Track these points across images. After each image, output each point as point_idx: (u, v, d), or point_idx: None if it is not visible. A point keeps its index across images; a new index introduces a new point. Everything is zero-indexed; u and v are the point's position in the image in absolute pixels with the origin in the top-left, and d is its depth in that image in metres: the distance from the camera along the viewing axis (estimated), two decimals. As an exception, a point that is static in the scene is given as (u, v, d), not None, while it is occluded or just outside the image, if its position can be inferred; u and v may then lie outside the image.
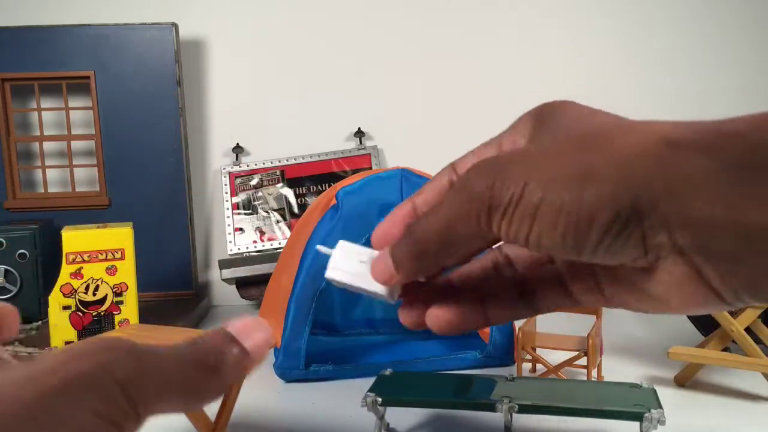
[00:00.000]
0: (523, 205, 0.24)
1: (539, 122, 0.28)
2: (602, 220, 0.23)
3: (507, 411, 0.53)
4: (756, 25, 1.13)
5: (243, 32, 1.13)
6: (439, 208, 0.27)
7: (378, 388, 0.58)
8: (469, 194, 0.25)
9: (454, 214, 0.26)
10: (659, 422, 0.50)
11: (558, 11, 1.13)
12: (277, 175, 1.10)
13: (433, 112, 1.14)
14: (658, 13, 1.13)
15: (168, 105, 1.05)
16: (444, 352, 0.77)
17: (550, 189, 0.23)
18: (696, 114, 0.97)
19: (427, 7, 1.13)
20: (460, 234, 0.26)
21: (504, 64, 1.14)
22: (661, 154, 0.23)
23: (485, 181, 0.25)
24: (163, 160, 1.06)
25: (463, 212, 0.25)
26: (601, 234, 0.23)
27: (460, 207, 0.26)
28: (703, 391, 0.67)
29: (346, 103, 1.13)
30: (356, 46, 1.13)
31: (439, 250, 0.27)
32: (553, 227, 0.23)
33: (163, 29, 1.04)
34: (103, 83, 1.03)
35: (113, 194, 1.05)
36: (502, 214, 0.24)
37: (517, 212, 0.24)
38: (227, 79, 1.13)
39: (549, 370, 0.68)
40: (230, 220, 1.09)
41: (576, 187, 0.23)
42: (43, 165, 1.06)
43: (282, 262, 0.80)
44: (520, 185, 0.24)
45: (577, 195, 0.23)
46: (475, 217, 0.25)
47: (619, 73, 1.14)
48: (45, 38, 1.02)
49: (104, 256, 0.76)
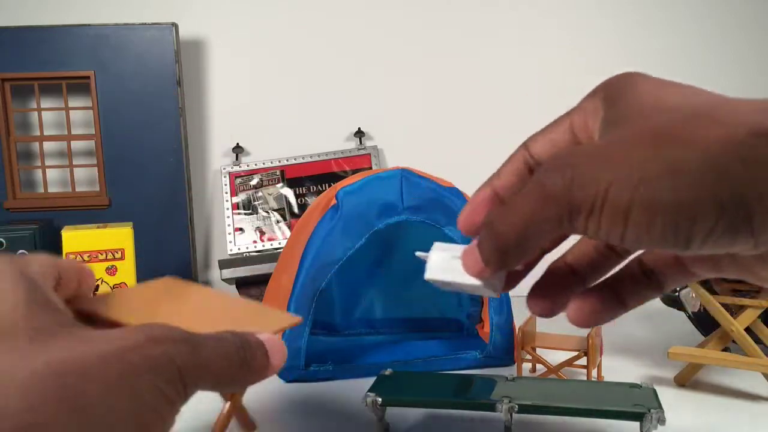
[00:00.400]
0: (611, 207, 0.23)
1: (610, 101, 0.27)
2: (706, 221, 0.22)
3: (507, 411, 0.53)
4: (756, 25, 1.13)
5: (243, 32, 1.13)
6: (515, 204, 0.25)
7: (378, 388, 0.58)
8: (545, 194, 0.24)
9: (531, 214, 0.25)
10: (659, 422, 0.50)
11: (558, 11, 1.13)
12: (277, 175, 1.10)
13: (433, 112, 1.14)
14: (657, 13, 1.13)
15: (168, 105, 1.05)
16: (444, 352, 0.77)
17: (639, 190, 0.22)
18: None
19: (427, 7, 1.13)
20: (540, 232, 0.25)
21: (504, 64, 1.14)
22: (753, 149, 0.22)
23: (562, 181, 0.24)
24: (163, 160, 1.06)
25: (541, 212, 0.24)
26: (705, 233, 0.22)
27: (537, 207, 0.24)
28: (703, 391, 0.67)
29: (346, 103, 1.13)
30: (356, 46, 1.13)
31: (519, 246, 0.26)
32: (650, 227, 0.22)
33: (163, 29, 1.04)
34: (103, 83, 1.03)
35: (113, 194, 1.05)
36: (587, 215, 0.23)
37: (604, 214, 0.23)
38: (227, 79, 1.13)
39: (549, 370, 0.68)
40: (230, 220, 1.09)
41: (669, 188, 0.22)
42: (43, 165, 1.06)
43: (282, 262, 0.80)
44: (603, 186, 0.23)
45: (673, 196, 0.22)
46: (555, 218, 0.24)
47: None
48: (45, 38, 1.02)
49: (104, 256, 0.76)
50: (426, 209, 0.72)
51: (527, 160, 0.30)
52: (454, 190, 0.75)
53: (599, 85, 0.29)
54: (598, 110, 0.27)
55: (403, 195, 0.71)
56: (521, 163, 0.31)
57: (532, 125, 1.11)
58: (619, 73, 0.28)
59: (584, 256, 0.30)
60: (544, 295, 0.29)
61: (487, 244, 0.27)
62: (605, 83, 0.28)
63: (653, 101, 0.25)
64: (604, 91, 0.28)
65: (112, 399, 0.21)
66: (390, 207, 0.71)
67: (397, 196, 0.71)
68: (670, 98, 0.26)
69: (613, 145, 0.24)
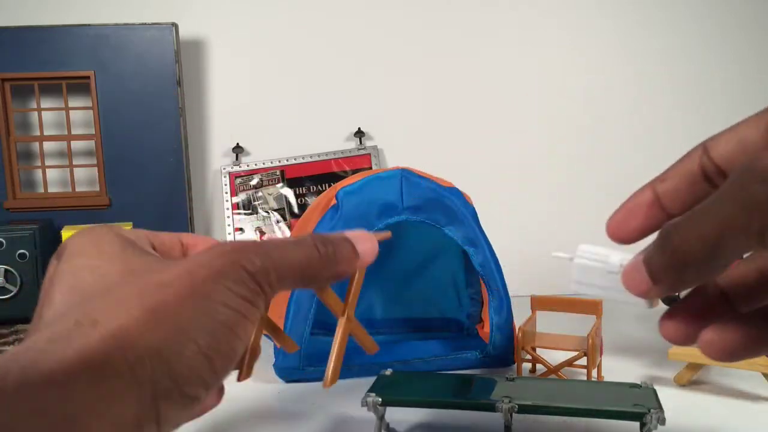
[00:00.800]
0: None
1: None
2: None
3: (507, 411, 0.53)
4: (756, 25, 1.13)
5: (243, 32, 1.13)
6: (706, 214, 0.22)
7: (378, 388, 0.58)
8: (750, 202, 0.21)
9: (728, 225, 0.22)
10: (659, 422, 0.50)
11: (558, 11, 1.13)
12: (277, 175, 1.10)
13: (433, 112, 1.14)
14: (658, 13, 1.13)
15: (168, 105, 1.05)
16: (444, 352, 0.77)
17: None
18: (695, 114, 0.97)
19: (427, 7, 1.13)
20: (734, 248, 0.22)
21: (504, 64, 1.14)
22: None
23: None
24: (163, 160, 1.06)
25: (741, 224, 0.21)
26: None
27: (736, 217, 0.21)
28: (703, 391, 0.67)
29: (346, 103, 1.13)
30: (356, 46, 1.13)
31: (704, 264, 0.23)
32: None
33: (163, 29, 1.04)
34: (103, 83, 1.03)
35: (113, 194, 1.05)
36: None
37: None
38: (227, 79, 1.13)
39: (549, 370, 0.68)
40: (230, 220, 1.09)
41: None
42: (43, 165, 1.06)
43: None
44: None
45: None
46: (756, 232, 0.21)
47: (619, 73, 1.14)
48: (45, 38, 1.02)
49: (104, 256, 0.76)
50: (426, 209, 0.72)
51: (704, 164, 0.26)
52: (454, 190, 0.75)
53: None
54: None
55: (403, 195, 0.71)
56: (695, 167, 0.26)
57: (532, 125, 1.12)
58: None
59: (744, 279, 0.27)
60: (685, 320, 0.26)
61: (661, 259, 0.24)
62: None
63: None
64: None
65: (185, 305, 0.25)
66: (390, 207, 0.71)
67: (397, 196, 0.71)
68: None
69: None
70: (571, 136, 1.14)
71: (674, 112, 1.14)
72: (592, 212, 1.13)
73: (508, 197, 1.14)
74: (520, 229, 1.13)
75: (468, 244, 0.73)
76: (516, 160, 1.14)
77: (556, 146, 1.14)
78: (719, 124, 1.00)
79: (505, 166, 1.14)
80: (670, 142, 1.13)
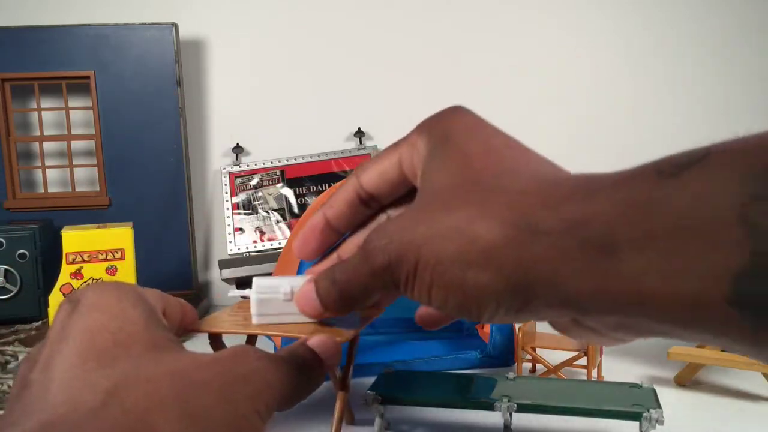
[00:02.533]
0: (418, 284, 0.26)
1: (433, 144, 0.29)
2: (487, 305, 0.25)
3: (506, 410, 0.53)
4: (757, 25, 1.13)
5: (243, 32, 1.13)
6: (350, 266, 0.29)
7: (378, 387, 0.58)
8: (372, 269, 0.28)
9: (364, 280, 0.29)
10: (658, 422, 0.50)
11: (558, 11, 1.13)
12: (277, 175, 1.10)
13: (434, 112, 1.14)
14: (658, 13, 1.13)
15: (168, 105, 1.05)
16: (444, 352, 0.77)
17: (436, 272, 0.25)
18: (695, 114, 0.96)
19: (427, 7, 1.13)
20: (379, 290, 0.29)
21: (504, 64, 1.14)
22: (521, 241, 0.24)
23: (383, 257, 0.27)
24: (163, 160, 1.06)
25: (372, 281, 0.28)
26: (490, 312, 0.25)
27: (367, 276, 0.28)
28: (703, 391, 0.67)
29: (346, 103, 1.14)
30: (356, 46, 1.13)
31: (359, 299, 0.30)
32: (446, 302, 0.26)
33: (163, 29, 1.04)
34: (103, 83, 1.03)
35: (113, 194, 1.05)
36: (404, 288, 0.27)
37: (415, 288, 0.26)
38: (227, 79, 1.13)
39: (549, 370, 0.68)
40: (230, 220, 1.09)
41: (458, 273, 0.25)
42: (43, 165, 1.06)
43: (282, 262, 0.80)
44: (412, 264, 0.26)
45: (459, 281, 0.25)
46: (381, 286, 0.28)
47: (620, 73, 1.14)
48: (45, 38, 1.02)
49: (104, 256, 0.76)
50: (426, 209, 0.72)
51: (359, 192, 0.33)
52: (454, 190, 0.74)
53: (427, 120, 0.31)
54: (422, 149, 0.30)
55: (403, 195, 0.71)
56: (353, 193, 0.33)
57: (532, 125, 1.12)
58: (447, 110, 0.31)
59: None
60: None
61: (330, 292, 0.31)
62: (433, 121, 0.31)
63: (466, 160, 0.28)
64: (430, 130, 0.30)
65: (214, 406, 0.24)
66: (390, 207, 0.71)
67: (397, 196, 0.71)
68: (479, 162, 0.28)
69: (421, 219, 0.27)
70: (571, 136, 1.14)
71: (674, 112, 1.14)
72: (592, 212, 1.13)
73: (508, 197, 1.13)
74: (520, 229, 1.13)
75: (468, 244, 0.73)
76: (516, 160, 1.14)
77: (557, 145, 1.14)
78: (719, 122, 1.01)
79: (505, 166, 1.14)
80: (670, 142, 1.13)
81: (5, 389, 0.62)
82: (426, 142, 0.30)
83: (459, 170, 0.27)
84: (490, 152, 0.28)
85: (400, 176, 0.32)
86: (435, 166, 0.29)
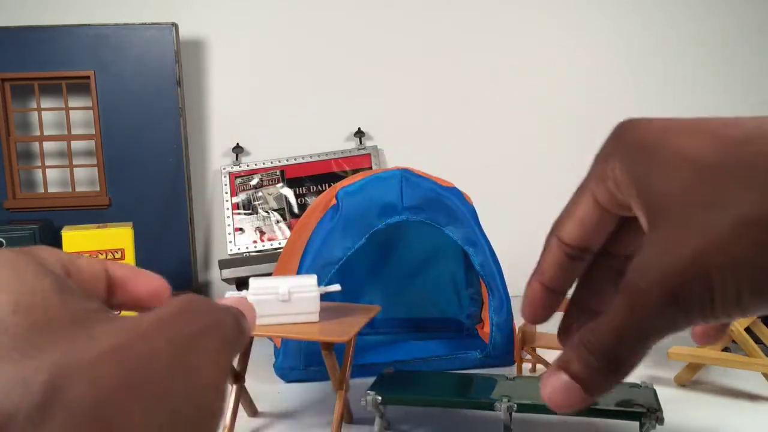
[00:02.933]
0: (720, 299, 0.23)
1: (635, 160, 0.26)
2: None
3: (506, 410, 0.53)
4: (757, 26, 1.13)
5: (243, 32, 1.13)
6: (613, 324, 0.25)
7: (378, 387, 0.58)
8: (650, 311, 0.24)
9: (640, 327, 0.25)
10: (658, 422, 0.50)
11: (558, 11, 1.13)
12: (277, 175, 1.10)
13: (433, 112, 1.14)
14: (658, 14, 1.13)
15: (168, 105, 1.05)
16: (444, 352, 0.77)
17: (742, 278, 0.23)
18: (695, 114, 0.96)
19: (428, 7, 1.13)
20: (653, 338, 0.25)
21: (504, 64, 1.14)
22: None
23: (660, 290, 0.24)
24: (163, 160, 1.06)
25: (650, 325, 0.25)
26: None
27: (643, 321, 0.25)
28: (703, 391, 0.67)
29: (346, 103, 1.13)
30: (356, 46, 1.13)
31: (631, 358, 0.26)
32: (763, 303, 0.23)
33: (163, 29, 1.04)
34: (103, 83, 1.03)
35: (113, 194, 1.05)
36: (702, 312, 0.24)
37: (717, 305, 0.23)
38: (227, 79, 1.13)
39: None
40: (230, 220, 1.09)
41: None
42: (43, 165, 1.06)
43: (282, 262, 0.80)
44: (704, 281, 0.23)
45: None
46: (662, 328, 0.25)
47: (620, 73, 1.14)
48: (45, 38, 1.02)
49: (104, 256, 0.76)
50: (426, 209, 0.72)
51: (564, 249, 0.30)
52: (454, 190, 0.75)
53: (607, 147, 0.28)
54: (620, 174, 0.27)
55: (403, 195, 0.71)
56: (559, 254, 0.30)
57: (533, 125, 1.12)
58: (619, 128, 0.28)
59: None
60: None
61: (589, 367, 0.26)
62: (615, 142, 0.27)
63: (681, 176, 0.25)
64: (619, 151, 0.27)
65: (172, 380, 0.20)
66: (390, 207, 0.71)
67: (397, 196, 0.71)
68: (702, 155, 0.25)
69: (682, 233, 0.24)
70: (571, 136, 1.14)
71: (674, 112, 1.14)
72: (592, 212, 1.13)
73: (508, 197, 1.14)
74: (520, 229, 1.13)
75: (468, 244, 0.73)
76: (516, 160, 1.14)
77: (557, 146, 1.14)
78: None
79: (506, 166, 1.14)
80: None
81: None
82: (622, 164, 0.26)
83: (690, 167, 0.24)
84: (707, 137, 0.25)
85: (602, 215, 0.29)
86: (655, 177, 0.25)
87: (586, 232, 0.30)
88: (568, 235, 0.30)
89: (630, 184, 0.26)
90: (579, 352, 0.27)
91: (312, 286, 0.55)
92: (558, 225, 0.30)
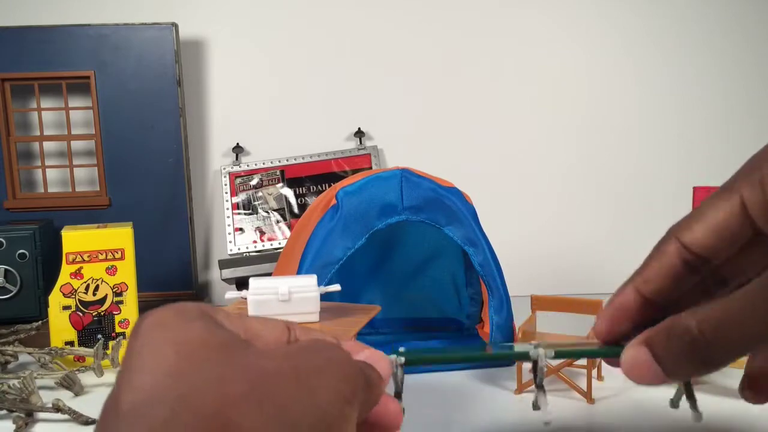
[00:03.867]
0: None
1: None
2: None
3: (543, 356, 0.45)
4: (759, 29, 1.13)
5: (243, 32, 1.13)
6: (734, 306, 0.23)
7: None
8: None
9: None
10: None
11: (558, 13, 1.13)
12: (277, 175, 1.10)
13: (433, 112, 1.14)
14: (659, 16, 1.13)
15: (168, 105, 1.05)
16: (444, 352, 0.77)
17: None
18: (696, 115, 0.96)
19: (428, 7, 1.13)
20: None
21: (505, 64, 1.14)
22: None
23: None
24: (163, 160, 1.06)
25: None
26: None
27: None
28: (703, 391, 0.67)
29: (346, 103, 1.13)
30: (356, 46, 1.13)
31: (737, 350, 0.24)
32: None
33: (163, 29, 1.04)
34: (103, 83, 1.03)
35: (113, 194, 1.05)
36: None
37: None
38: (227, 79, 1.13)
39: (549, 370, 0.68)
40: (230, 220, 1.09)
41: None
42: (43, 165, 1.06)
43: (282, 262, 0.80)
44: None
45: None
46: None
47: (621, 74, 1.14)
48: (45, 38, 1.02)
49: (104, 256, 0.76)
50: (426, 209, 0.72)
51: (684, 256, 0.26)
52: (454, 190, 0.75)
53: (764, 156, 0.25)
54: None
55: (403, 195, 0.71)
56: (676, 261, 0.27)
57: (533, 125, 1.12)
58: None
59: None
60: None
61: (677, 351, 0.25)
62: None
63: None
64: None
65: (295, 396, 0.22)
66: (390, 207, 0.71)
67: (397, 196, 0.71)
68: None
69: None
70: (571, 136, 1.14)
71: (675, 113, 1.14)
72: (593, 212, 1.13)
73: (508, 197, 1.14)
74: (520, 229, 1.13)
75: (468, 244, 0.73)
76: (516, 160, 1.14)
77: (557, 146, 1.14)
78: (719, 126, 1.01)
79: (506, 166, 1.14)
80: (671, 143, 1.13)
81: (5, 389, 0.62)
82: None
83: None
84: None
85: (745, 223, 0.25)
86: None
87: (720, 240, 0.26)
88: (696, 242, 0.26)
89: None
90: (671, 330, 0.25)
91: (312, 286, 0.55)
92: (681, 229, 0.27)
